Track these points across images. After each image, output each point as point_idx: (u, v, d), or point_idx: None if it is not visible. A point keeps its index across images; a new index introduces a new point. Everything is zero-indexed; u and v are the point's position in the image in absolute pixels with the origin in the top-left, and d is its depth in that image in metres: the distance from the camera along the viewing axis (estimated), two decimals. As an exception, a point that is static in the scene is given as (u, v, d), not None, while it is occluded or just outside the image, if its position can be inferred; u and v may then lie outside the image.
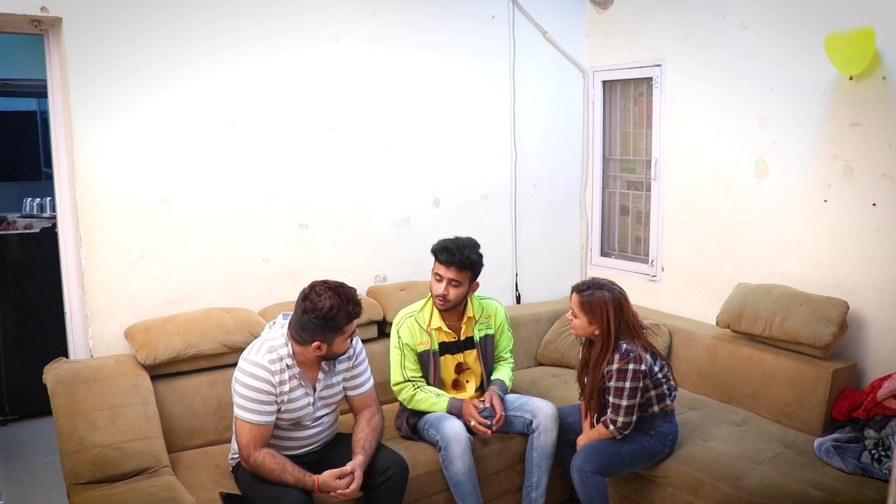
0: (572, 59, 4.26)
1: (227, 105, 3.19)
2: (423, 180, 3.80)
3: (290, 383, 2.50)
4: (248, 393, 2.43)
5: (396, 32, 3.61)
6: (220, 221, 3.23)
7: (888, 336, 3.07)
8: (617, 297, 2.77)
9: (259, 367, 2.44)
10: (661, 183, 3.98)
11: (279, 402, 2.48)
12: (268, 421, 2.46)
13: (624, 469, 2.88)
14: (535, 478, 2.96)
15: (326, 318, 2.40)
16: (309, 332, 2.44)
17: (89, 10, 2.84)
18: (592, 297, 2.75)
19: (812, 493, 2.56)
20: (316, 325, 2.42)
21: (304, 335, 2.46)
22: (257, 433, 2.44)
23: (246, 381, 2.44)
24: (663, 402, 2.82)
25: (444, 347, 3.06)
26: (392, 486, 2.55)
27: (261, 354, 2.47)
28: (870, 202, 3.08)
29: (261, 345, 2.51)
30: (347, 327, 2.48)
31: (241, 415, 2.44)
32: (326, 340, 2.46)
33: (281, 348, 2.49)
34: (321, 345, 2.46)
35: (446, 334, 3.05)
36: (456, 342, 3.08)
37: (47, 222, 4.32)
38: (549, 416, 2.97)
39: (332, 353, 2.51)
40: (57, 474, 2.75)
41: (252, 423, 2.43)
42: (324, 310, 2.39)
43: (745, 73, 3.49)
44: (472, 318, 3.08)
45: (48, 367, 2.78)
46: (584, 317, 2.77)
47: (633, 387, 2.69)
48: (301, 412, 2.55)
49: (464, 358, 3.11)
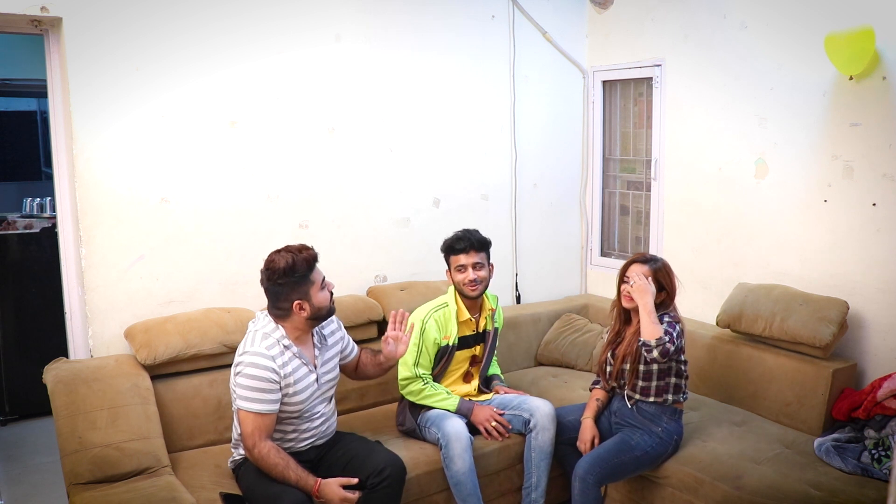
0: (572, 59, 4.26)
1: (227, 105, 3.19)
2: (423, 180, 3.80)
3: (293, 364, 2.52)
4: (251, 383, 2.44)
5: (396, 32, 3.62)
6: (220, 221, 3.23)
7: (888, 336, 3.07)
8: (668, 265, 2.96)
9: (259, 356, 2.46)
10: (661, 183, 3.99)
11: (283, 386, 2.49)
12: (271, 409, 2.47)
13: (627, 476, 2.89)
14: (535, 478, 2.97)
15: (288, 272, 2.47)
16: (285, 297, 2.49)
17: (89, 10, 2.85)
18: (663, 264, 2.91)
19: (812, 493, 2.56)
20: (284, 286, 2.48)
21: (283, 304, 2.51)
22: (261, 422, 2.45)
23: (249, 373, 2.44)
24: (678, 395, 2.84)
25: (462, 342, 3.08)
26: (389, 487, 2.55)
27: (257, 344, 2.49)
28: (870, 202, 3.08)
29: (253, 337, 2.53)
30: (314, 275, 2.54)
31: (243, 406, 2.45)
32: (303, 296, 2.50)
33: (273, 332, 2.52)
34: (302, 303, 2.51)
35: (469, 326, 3.09)
36: (474, 335, 3.12)
37: (47, 222, 4.32)
38: (546, 414, 2.97)
39: (315, 308, 2.54)
40: (57, 474, 2.75)
41: (256, 413, 2.44)
42: (282, 266, 2.47)
43: (745, 73, 3.49)
44: (489, 310, 3.13)
45: (48, 367, 2.78)
46: (655, 283, 2.85)
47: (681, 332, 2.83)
48: (307, 392, 2.56)
49: (477, 350, 3.15)
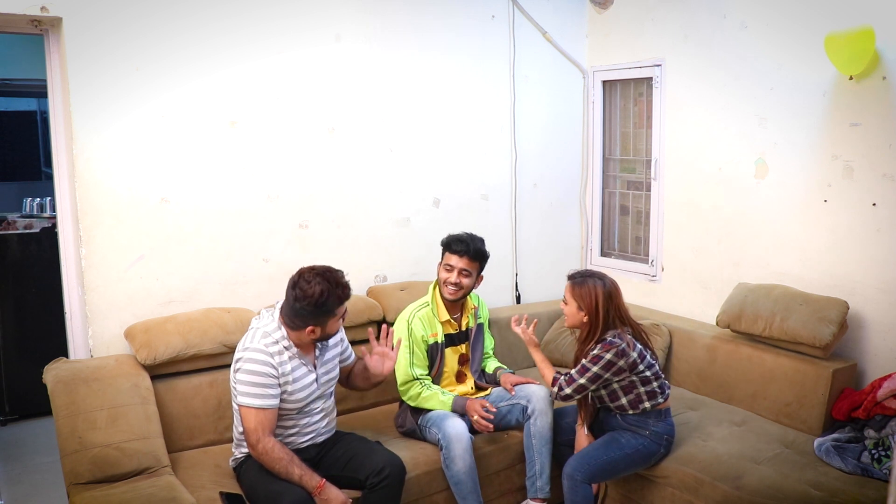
0: (572, 59, 4.26)
1: (227, 105, 3.19)
2: (423, 180, 3.80)
3: (292, 363, 2.54)
4: (250, 378, 2.45)
5: (396, 32, 3.62)
6: (220, 221, 3.23)
7: (888, 336, 3.07)
8: (608, 286, 2.80)
9: (258, 352, 2.48)
10: (661, 183, 3.99)
11: (282, 384, 2.50)
12: (272, 405, 2.48)
13: (618, 474, 2.89)
14: (538, 465, 2.94)
15: (318, 304, 2.46)
16: (302, 318, 2.49)
17: (89, 10, 2.84)
18: (584, 283, 2.80)
19: (812, 493, 2.56)
20: (309, 312, 2.47)
21: (297, 321, 2.51)
22: (263, 417, 2.46)
23: (248, 368, 2.46)
24: (654, 399, 2.80)
25: (448, 340, 3.10)
26: (388, 487, 2.55)
27: (256, 340, 2.51)
28: (870, 202, 3.08)
29: (254, 334, 2.55)
30: (339, 310, 2.55)
31: (244, 402, 2.46)
32: (319, 324, 2.52)
33: (275, 332, 2.53)
34: (315, 329, 2.52)
35: (451, 326, 3.10)
36: (458, 333, 3.13)
37: (47, 222, 4.32)
38: (542, 398, 2.97)
39: (325, 334, 2.57)
40: (57, 474, 2.75)
41: (257, 408, 2.45)
42: (314, 296, 2.44)
43: (745, 73, 3.49)
44: (471, 308, 3.16)
45: (48, 367, 2.78)
46: (573, 303, 2.80)
47: (598, 374, 2.71)
48: (307, 391, 2.57)
49: (465, 349, 3.16)
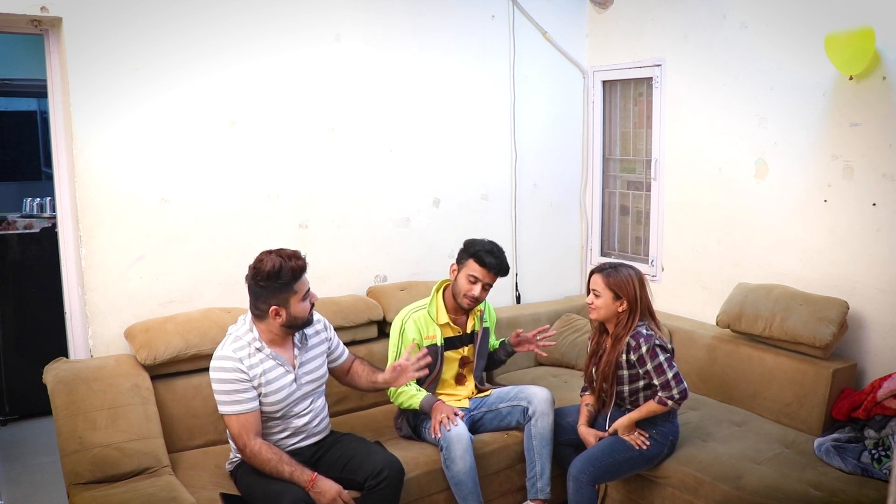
0: (572, 59, 4.26)
1: (227, 105, 3.19)
2: (423, 180, 3.80)
3: (264, 365, 2.53)
4: (222, 387, 2.48)
5: (396, 32, 3.62)
6: (220, 221, 3.23)
7: (888, 336, 3.07)
8: (639, 274, 2.85)
9: (224, 359, 2.50)
10: (661, 183, 3.99)
11: (256, 386, 2.50)
12: (250, 408, 2.49)
13: (622, 475, 2.89)
14: (539, 467, 2.94)
15: (271, 277, 2.46)
16: (263, 299, 2.49)
17: (89, 10, 2.84)
18: (618, 272, 2.81)
19: (812, 493, 2.56)
20: (266, 288, 2.48)
21: (260, 305, 2.51)
22: (245, 421, 2.47)
23: (217, 377, 2.50)
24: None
25: (448, 343, 3.08)
26: (387, 488, 2.55)
27: (225, 347, 2.54)
28: (870, 202, 3.08)
29: (224, 341, 2.58)
30: (298, 285, 2.52)
31: (223, 410, 2.49)
32: (281, 303, 2.50)
33: (245, 335, 2.55)
34: (279, 310, 2.50)
35: (452, 329, 3.08)
36: (459, 337, 3.11)
37: (47, 222, 4.33)
38: (544, 399, 2.97)
39: (292, 317, 2.53)
40: (57, 474, 2.75)
41: (236, 414, 2.47)
42: (267, 269, 2.46)
43: (745, 73, 3.49)
44: (478, 312, 3.14)
45: (48, 367, 2.78)
46: (608, 293, 2.79)
47: (668, 357, 2.74)
48: (284, 392, 2.56)
49: (466, 352, 3.15)
